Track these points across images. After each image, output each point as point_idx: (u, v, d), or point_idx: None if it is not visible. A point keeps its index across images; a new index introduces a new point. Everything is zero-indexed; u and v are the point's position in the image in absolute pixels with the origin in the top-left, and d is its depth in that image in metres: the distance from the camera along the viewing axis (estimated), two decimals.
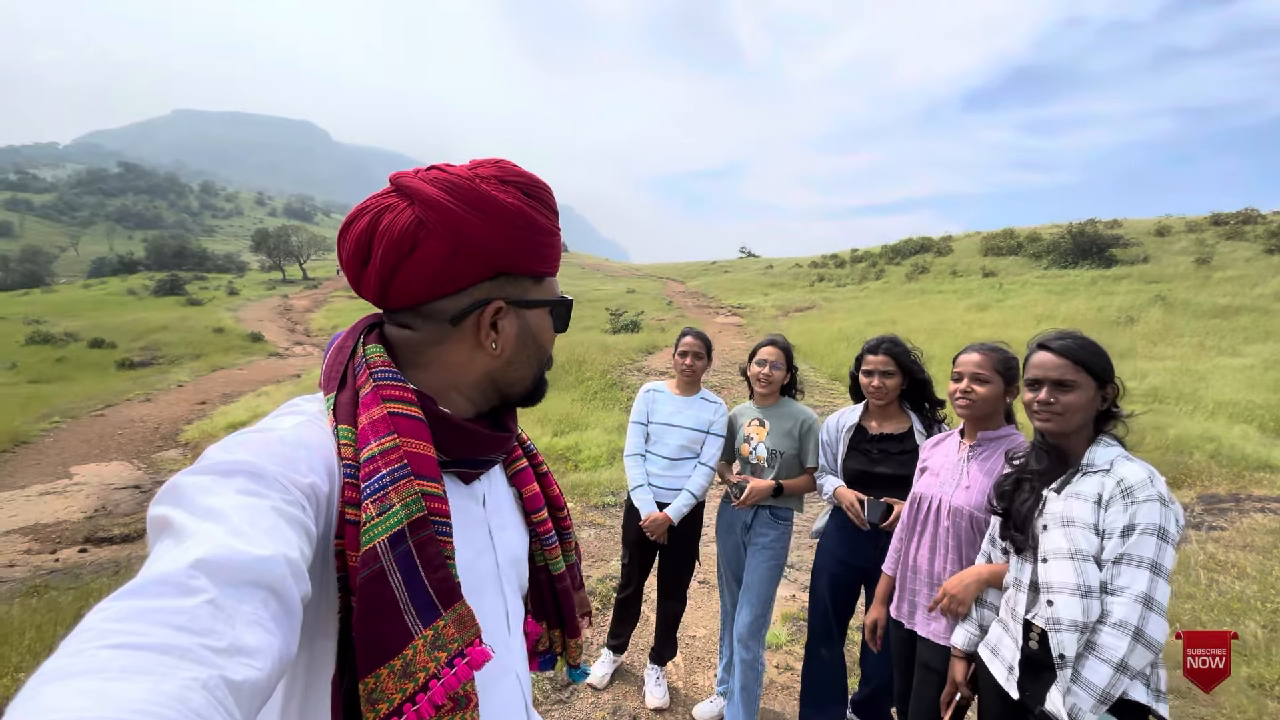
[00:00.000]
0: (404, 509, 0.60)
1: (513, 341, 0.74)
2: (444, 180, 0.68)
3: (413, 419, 0.66)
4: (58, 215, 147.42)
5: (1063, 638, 1.32)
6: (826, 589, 2.37)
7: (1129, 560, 1.28)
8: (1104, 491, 1.37)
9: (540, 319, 0.77)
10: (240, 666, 0.42)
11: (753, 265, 36.31)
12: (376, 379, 0.67)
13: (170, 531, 0.47)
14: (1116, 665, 1.24)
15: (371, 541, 0.58)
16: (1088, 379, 1.42)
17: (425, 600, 0.59)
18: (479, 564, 0.74)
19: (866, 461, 2.27)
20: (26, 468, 8.19)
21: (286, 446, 0.58)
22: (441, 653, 0.59)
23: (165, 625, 0.40)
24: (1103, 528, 1.35)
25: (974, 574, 1.65)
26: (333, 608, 0.60)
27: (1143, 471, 1.34)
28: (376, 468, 0.60)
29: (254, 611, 0.45)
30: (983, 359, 1.83)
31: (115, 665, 0.37)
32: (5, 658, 2.83)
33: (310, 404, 0.68)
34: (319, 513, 0.58)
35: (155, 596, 0.41)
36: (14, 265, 63.05)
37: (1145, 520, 1.28)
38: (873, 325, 15.00)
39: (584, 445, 7.44)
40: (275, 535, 0.50)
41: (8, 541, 5.76)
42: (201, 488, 0.50)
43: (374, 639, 0.56)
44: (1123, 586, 1.27)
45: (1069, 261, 20.88)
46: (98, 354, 20.18)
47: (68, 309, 30.58)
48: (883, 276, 25.06)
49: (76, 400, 12.50)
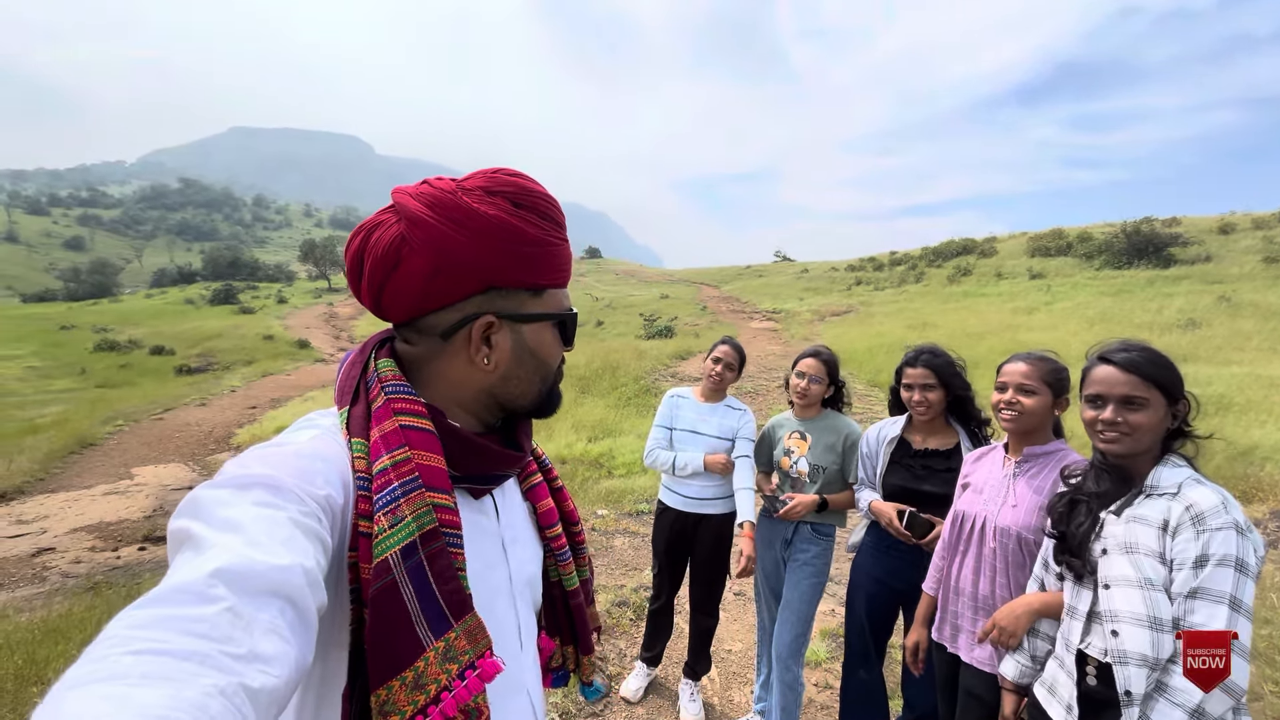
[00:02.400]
0: (415, 521, 0.60)
1: (508, 356, 0.73)
2: (428, 195, 0.68)
3: (424, 431, 0.66)
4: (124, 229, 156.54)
5: (1130, 672, 1.22)
6: (864, 608, 2.28)
7: (1204, 595, 1.18)
8: (1170, 517, 1.26)
9: (538, 333, 0.74)
10: (258, 674, 0.42)
11: (788, 269, 35.87)
12: (388, 392, 0.67)
13: (190, 543, 0.48)
14: (1192, 711, 1.14)
15: (384, 553, 0.58)
16: (1158, 396, 1.32)
17: (436, 612, 0.60)
18: (491, 577, 0.74)
19: (909, 478, 2.17)
20: (93, 468, 8.66)
21: (303, 460, 0.59)
22: (453, 664, 0.59)
23: (186, 632, 0.41)
24: (1170, 557, 1.24)
25: (1025, 604, 1.56)
26: (345, 619, 0.61)
27: (1215, 496, 1.24)
28: (388, 480, 0.61)
29: (271, 620, 0.46)
30: (1029, 369, 1.73)
31: (137, 671, 0.37)
32: (67, 654, 2.98)
33: (325, 418, 0.69)
34: (334, 524, 0.59)
35: (176, 604, 0.42)
36: (84, 277, 67.17)
37: (1221, 551, 1.18)
38: (912, 329, 14.60)
39: (617, 452, 7.43)
40: (292, 546, 0.50)
41: (74, 539, 6.09)
42: (220, 500, 0.51)
43: (386, 650, 0.57)
44: (1198, 624, 1.17)
45: (1123, 262, 19.92)
46: (158, 360, 21.30)
47: (131, 318, 32.40)
48: (923, 280, 24.40)
49: (138, 404, 13.19)
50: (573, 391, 10.52)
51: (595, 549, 4.61)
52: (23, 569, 5.28)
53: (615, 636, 3.33)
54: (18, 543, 5.91)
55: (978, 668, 1.74)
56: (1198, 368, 9.33)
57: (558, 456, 7.38)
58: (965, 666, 1.78)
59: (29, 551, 5.71)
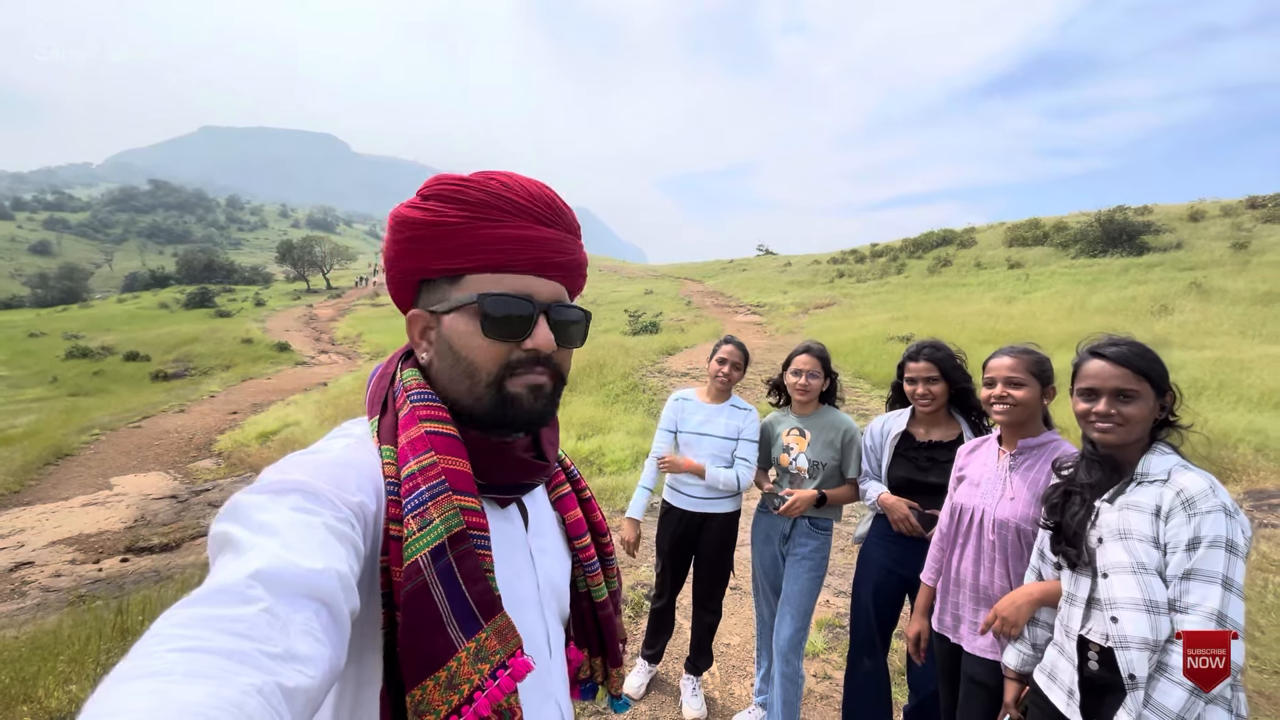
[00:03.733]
0: (443, 523, 0.61)
1: (436, 355, 0.72)
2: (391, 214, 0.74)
3: (449, 437, 0.67)
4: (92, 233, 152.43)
5: (1132, 656, 1.26)
6: (870, 598, 2.31)
7: (1198, 575, 1.22)
8: (1162, 503, 1.31)
9: (453, 324, 0.69)
10: (294, 673, 0.43)
11: (771, 263, 36.07)
12: (413, 400, 0.69)
13: (231, 546, 0.50)
14: (1192, 688, 1.18)
15: (414, 556, 0.59)
16: (1147, 388, 1.36)
17: (467, 612, 0.60)
18: (518, 586, 0.74)
19: (914, 469, 2.20)
20: (69, 479, 8.46)
21: (337, 467, 0.61)
22: (485, 664, 0.60)
23: (226, 632, 0.42)
24: (1164, 541, 1.29)
25: (1025, 594, 1.59)
26: (379, 623, 0.62)
27: (1203, 481, 1.29)
28: (416, 484, 0.63)
29: (306, 621, 0.47)
30: (1015, 362, 1.77)
31: (180, 668, 0.39)
32: (56, 671, 2.91)
33: (357, 427, 0.71)
34: (367, 530, 0.60)
35: (217, 604, 0.44)
36: (53, 282, 65.31)
37: (1211, 533, 1.23)
38: (895, 321, 14.78)
39: (608, 449, 7.43)
40: (327, 550, 0.52)
41: (54, 552, 5.95)
42: (258, 505, 0.53)
43: (419, 651, 0.58)
44: (1193, 604, 1.21)
45: (1098, 250, 20.35)
46: (133, 367, 20.81)
47: (104, 323, 31.57)
48: (904, 271, 24.70)
49: (114, 413, 12.89)
50: None
51: None
52: (1, 584, 5.15)
53: None
54: None
55: (979, 655, 1.78)
56: (1171, 352, 9.59)
57: None
58: (967, 655, 1.82)
59: (7, 566, 5.57)
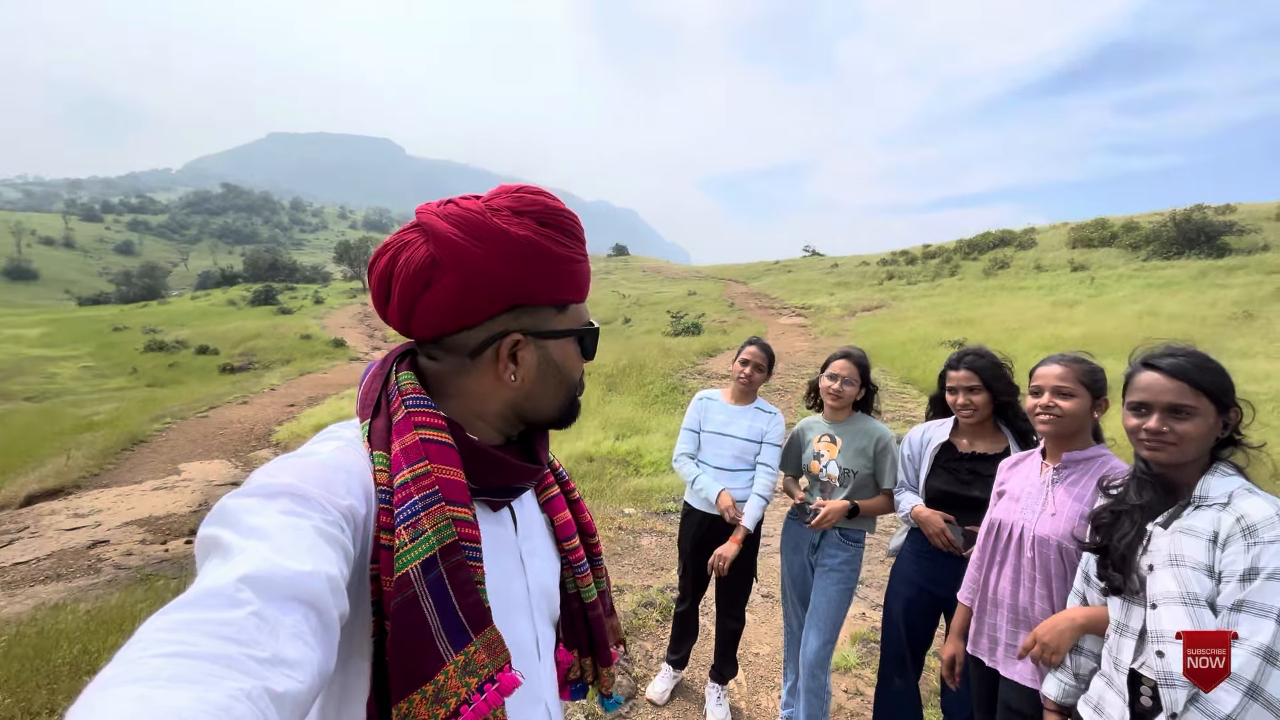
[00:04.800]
0: (435, 534, 0.61)
1: (533, 372, 0.74)
2: (456, 215, 0.68)
3: (443, 445, 0.66)
4: (170, 234, 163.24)
5: (1177, 695, 1.16)
6: (901, 615, 2.22)
7: (1249, 608, 1.12)
8: (1220, 529, 1.20)
9: (563, 348, 0.76)
10: (282, 678, 0.43)
11: (817, 264, 35.32)
12: (409, 406, 0.68)
13: (218, 549, 0.49)
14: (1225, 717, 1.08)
15: (405, 567, 0.59)
16: (1207, 404, 1.25)
17: (456, 625, 0.60)
18: (509, 589, 0.75)
19: (954, 482, 2.10)
20: (143, 464, 9.05)
21: (326, 470, 0.60)
22: (472, 678, 0.59)
23: (213, 635, 0.42)
24: (1219, 570, 1.18)
25: (1069, 619, 1.49)
26: (367, 630, 0.61)
27: (1269, 508, 1.17)
28: (409, 494, 0.62)
29: (295, 625, 0.46)
30: (1065, 370, 1.66)
31: (165, 674, 0.38)
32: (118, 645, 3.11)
33: (347, 429, 0.70)
34: (356, 534, 0.60)
35: (204, 608, 0.43)
36: (135, 280, 70.28)
37: (1272, 564, 1.11)
38: (946, 325, 14.23)
39: (645, 450, 7.43)
40: (316, 553, 0.51)
41: (126, 532, 6.38)
42: (247, 509, 0.52)
43: (407, 663, 0.57)
44: (1243, 638, 1.11)
45: (1172, 252, 19.03)
46: (203, 360, 22.13)
47: (179, 319, 33.72)
48: (958, 273, 23.75)
49: (185, 403, 13.72)
50: (600, 389, 10.56)
51: (622, 548, 4.61)
52: (79, 560, 5.55)
53: (641, 638, 3.33)
54: (75, 535, 6.21)
55: (1017, 682, 1.68)
56: (1254, 363, 8.88)
57: (585, 454, 7.42)
58: (1004, 680, 1.72)
59: (85, 544, 6.00)
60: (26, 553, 5.68)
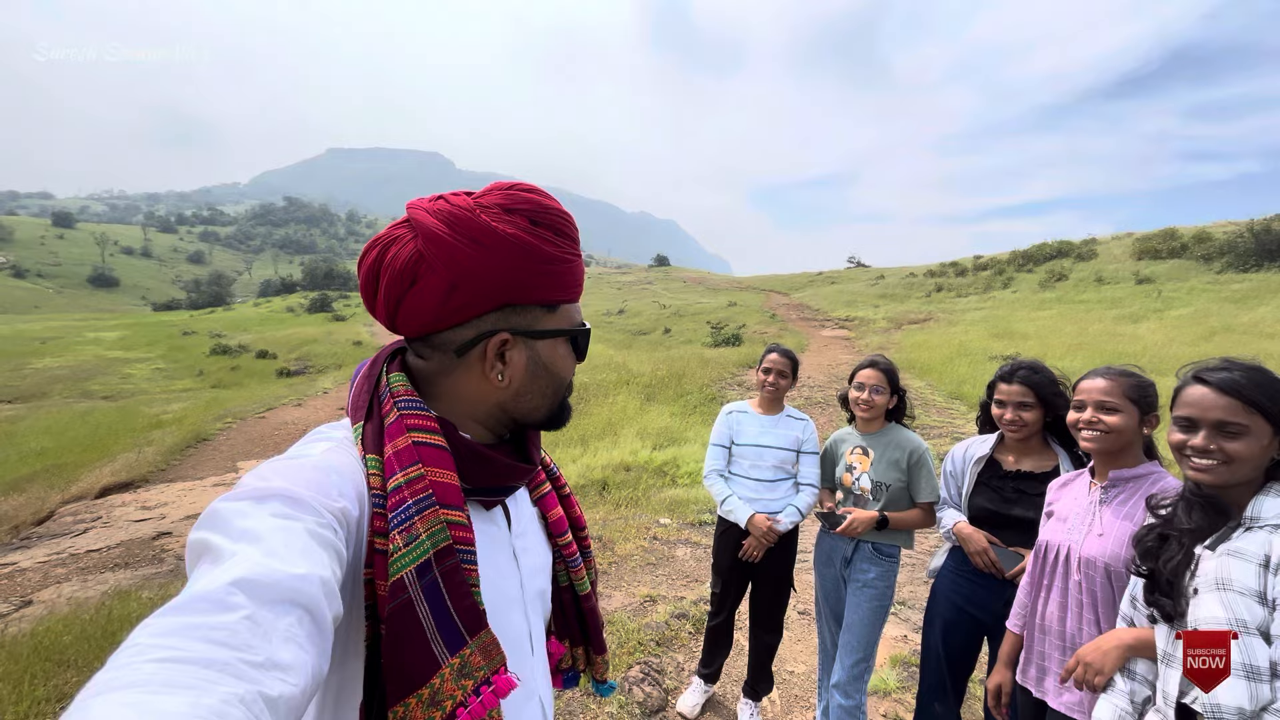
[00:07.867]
0: (430, 539, 0.61)
1: (521, 373, 0.73)
2: (445, 212, 0.67)
3: (436, 448, 0.66)
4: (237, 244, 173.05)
5: None
6: (940, 637, 2.13)
7: None
8: (1273, 553, 1.12)
9: (552, 349, 0.75)
10: (276, 681, 0.43)
11: (862, 276, 34.58)
12: (401, 408, 0.67)
13: (210, 553, 0.49)
14: None
15: (399, 572, 0.59)
16: (1261, 422, 1.17)
17: (451, 628, 0.60)
18: (503, 586, 0.75)
19: (998, 500, 2.01)
20: (205, 461, 9.55)
21: (318, 472, 0.60)
22: (468, 680, 0.60)
23: (206, 640, 0.41)
24: (1272, 596, 1.10)
25: (1115, 639, 1.41)
26: (361, 633, 0.61)
27: None
28: (403, 498, 0.61)
29: (289, 628, 0.46)
30: (1110, 384, 1.59)
31: (158, 679, 0.38)
32: None
33: (338, 430, 0.70)
34: (349, 536, 0.59)
35: (196, 613, 0.43)
36: (204, 287, 74.72)
37: None
38: (998, 338, 13.68)
39: (682, 460, 7.39)
40: (309, 556, 0.51)
41: (188, 525, 6.73)
42: (239, 512, 0.52)
43: (402, 668, 0.57)
44: None
45: (1250, 264, 17.84)
46: (263, 363, 23.25)
47: (242, 324, 35.60)
48: (1011, 285, 22.85)
49: (245, 404, 14.42)
50: (638, 399, 10.58)
51: (657, 559, 4.59)
52: (145, 551, 5.89)
53: (674, 650, 3.30)
54: (142, 526, 6.60)
55: (1066, 714, 1.59)
56: None
57: (622, 463, 7.43)
58: (1052, 713, 1.64)
59: (151, 535, 6.37)
60: (99, 541, 6.06)
